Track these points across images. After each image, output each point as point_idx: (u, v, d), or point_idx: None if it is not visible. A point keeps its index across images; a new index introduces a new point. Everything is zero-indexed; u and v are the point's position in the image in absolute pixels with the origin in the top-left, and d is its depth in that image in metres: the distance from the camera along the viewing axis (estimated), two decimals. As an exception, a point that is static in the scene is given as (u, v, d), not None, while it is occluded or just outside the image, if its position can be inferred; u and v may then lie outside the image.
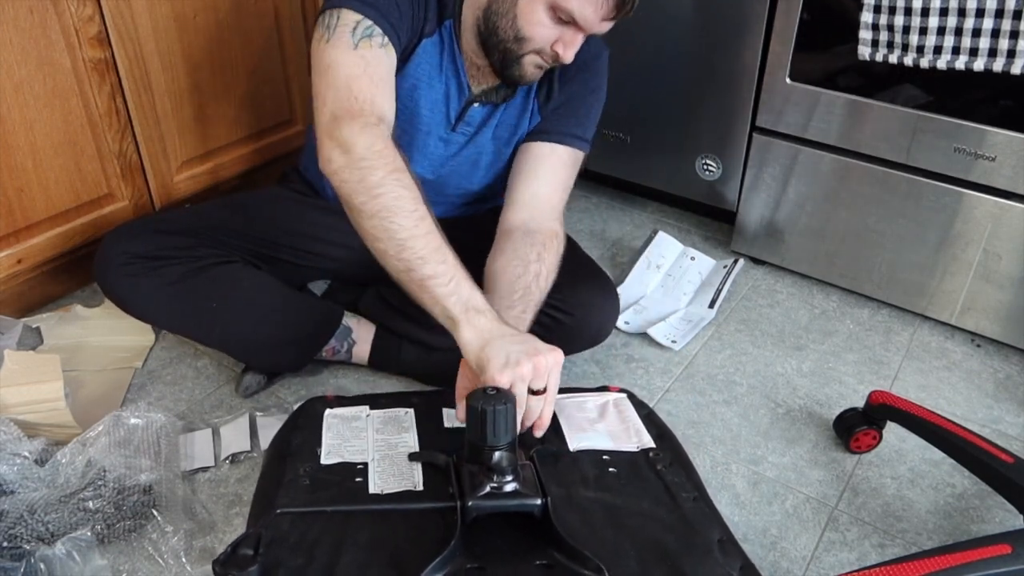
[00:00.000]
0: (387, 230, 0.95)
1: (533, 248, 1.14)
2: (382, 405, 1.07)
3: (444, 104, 1.22)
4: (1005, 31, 1.23)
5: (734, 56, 1.57)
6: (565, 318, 1.22)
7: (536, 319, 1.22)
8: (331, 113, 1.01)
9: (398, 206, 0.95)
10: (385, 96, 1.05)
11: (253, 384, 1.32)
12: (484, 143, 1.27)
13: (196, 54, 1.51)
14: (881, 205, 1.50)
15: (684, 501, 0.92)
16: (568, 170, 1.25)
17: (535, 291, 1.11)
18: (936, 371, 1.45)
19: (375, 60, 1.05)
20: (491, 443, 0.85)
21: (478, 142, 1.27)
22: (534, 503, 0.85)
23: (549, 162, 1.23)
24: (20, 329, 1.38)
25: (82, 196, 1.44)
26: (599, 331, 1.28)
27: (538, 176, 1.22)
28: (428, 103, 1.21)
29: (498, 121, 1.26)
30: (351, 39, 1.05)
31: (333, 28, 1.06)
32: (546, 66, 1.16)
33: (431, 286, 0.94)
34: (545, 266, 1.14)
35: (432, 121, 1.23)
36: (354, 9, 1.06)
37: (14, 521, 0.99)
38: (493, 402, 0.84)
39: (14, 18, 1.24)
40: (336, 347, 1.33)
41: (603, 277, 1.30)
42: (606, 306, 1.26)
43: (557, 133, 1.24)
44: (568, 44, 1.10)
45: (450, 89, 1.21)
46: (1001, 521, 1.15)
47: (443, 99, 1.22)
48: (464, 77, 1.20)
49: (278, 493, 0.90)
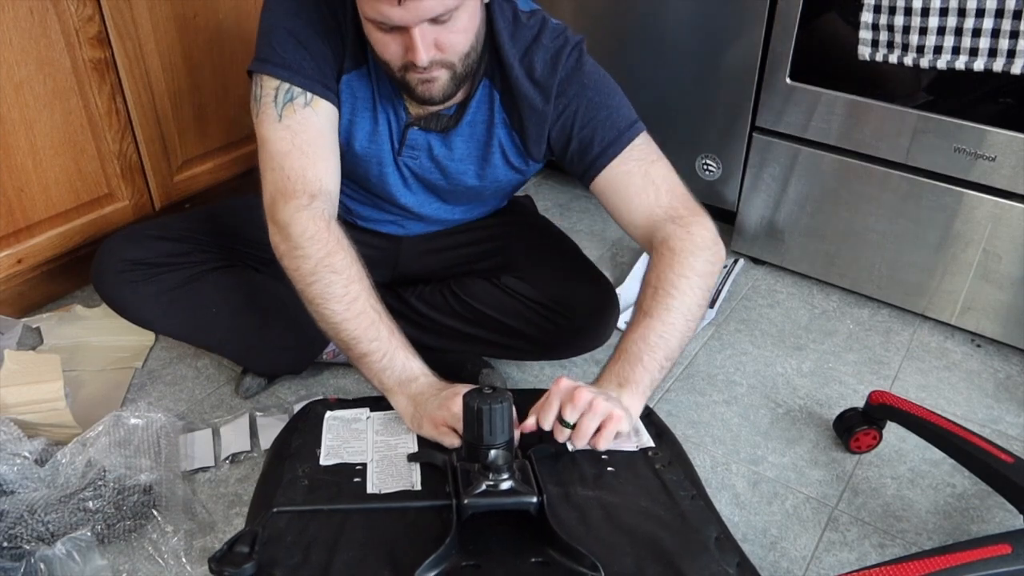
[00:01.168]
0: (322, 315, 1.01)
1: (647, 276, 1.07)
2: (383, 407, 1.07)
3: (387, 133, 1.15)
4: (1005, 31, 1.23)
5: (734, 56, 1.57)
6: (565, 322, 1.22)
7: (535, 319, 1.22)
8: (270, 196, 1.04)
9: (329, 293, 1.00)
10: (318, 163, 1.05)
11: (253, 386, 1.32)
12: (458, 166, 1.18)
13: (196, 54, 1.51)
14: (881, 205, 1.50)
15: (682, 499, 0.92)
16: (643, 165, 1.11)
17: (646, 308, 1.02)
18: (936, 371, 1.45)
19: (301, 127, 1.05)
20: (487, 442, 0.86)
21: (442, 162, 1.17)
22: (530, 501, 0.85)
23: (622, 184, 1.11)
24: (20, 329, 1.38)
25: (82, 196, 1.44)
26: (599, 334, 1.26)
27: (623, 203, 1.12)
28: (366, 135, 1.14)
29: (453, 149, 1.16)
30: (275, 110, 1.05)
31: (259, 100, 1.07)
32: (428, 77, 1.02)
33: (366, 363, 1.02)
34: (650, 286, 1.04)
35: (381, 151, 1.16)
36: (271, 75, 1.05)
37: (14, 521, 0.99)
38: (489, 401, 0.85)
39: (14, 18, 1.24)
40: (335, 350, 1.33)
41: (603, 280, 1.29)
42: (606, 309, 1.25)
43: (607, 147, 1.10)
44: (410, 48, 0.98)
45: (389, 117, 1.14)
46: (1001, 521, 1.15)
47: (385, 129, 1.14)
48: (400, 103, 1.12)
49: (276, 493, 0.91)
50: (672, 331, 1.00)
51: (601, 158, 1.11)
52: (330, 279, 1.00)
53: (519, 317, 1.23)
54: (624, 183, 1.11)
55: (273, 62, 1.05)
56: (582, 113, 1.11)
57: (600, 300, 1.25)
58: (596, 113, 1.11)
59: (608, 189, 1.12)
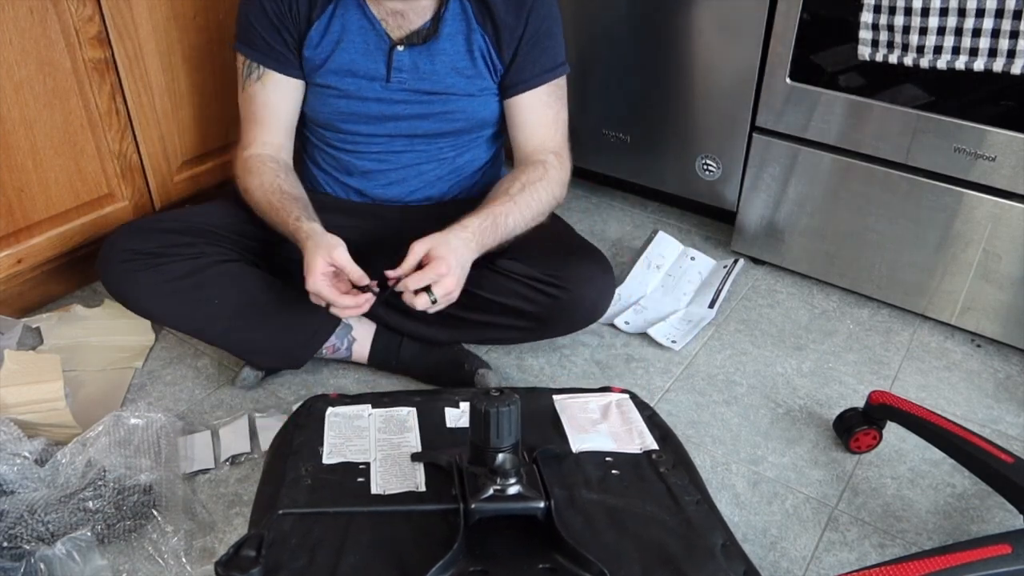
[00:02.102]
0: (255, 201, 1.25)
1: (510, 174, 1.27)
2: (384, 404, 1.07)
3: (372, 57, 1.25)
4: (1005, 31, 1.23)
5: (734, 56, 1.57)
6: (561, 293, 1.22)
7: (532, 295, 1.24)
8: (240, 147, 1.31)
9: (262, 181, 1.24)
10: (262, 126, 1.29)
11: (251, 377, 1.33)
12: (443, 79, 1.26)
13: (196, 54, 1.51)
14: (881, 205, 1.50)
15: (687, 504, 0.92)
16: (554, 107, 1.30)
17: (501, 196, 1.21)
18: (936, 371, 1.45)
19: (250, 97, 1.29)
20: (494, 445, 0.85)
21: (435, 81, 1.26)
22: (537, 506, 0.85)
23: (535, 110, 1.28)
24: (20, 329, 1.37)
25: (82, 196, 1.44)
26: (594, 307, 1.27)
27: (529, 128, 1.29)
28: (359, 52, 1.24)
29: (440, 56, 1.24)
30: (242, 81, 1.29)
31: (239, 72, 1.30)
32: None
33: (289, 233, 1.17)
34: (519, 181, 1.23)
35: (376, 70, 1.25)
36: (239, 51, 1.28)
37: (14, 521, 0.99)
38: (497, 403, 0.84)
39: (14, 18, 1.24)
40: (336, 345, 1.33)
41: (597, 254, 1.30)
42: (601, 281, 1.26)
43: (535, 77, 1.27)
44: None
45: (369, 43, 1.24)
46: (1001, 521, 1.15)
47: (369, 52, 1.24)
48: (380, 27, 1.23)
49: (280, 493, 0.90)
50: (521, 221, 1.21)
51: (532, 80, 1.27)
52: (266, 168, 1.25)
53: (515, 295, 1.24)
54: (538, 112, 1.29)
55: (239, 39, 1.27)
56: (536, 34, 1.25)
57: (594, 269, 1.26)
58: (544, 39, 1.26)
59: (523, 110, 1.29)
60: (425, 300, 1.09)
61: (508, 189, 1.22)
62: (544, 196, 1.24)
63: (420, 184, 1.35)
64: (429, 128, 1.29)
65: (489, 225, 1.17)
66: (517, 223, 1.21)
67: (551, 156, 1.28)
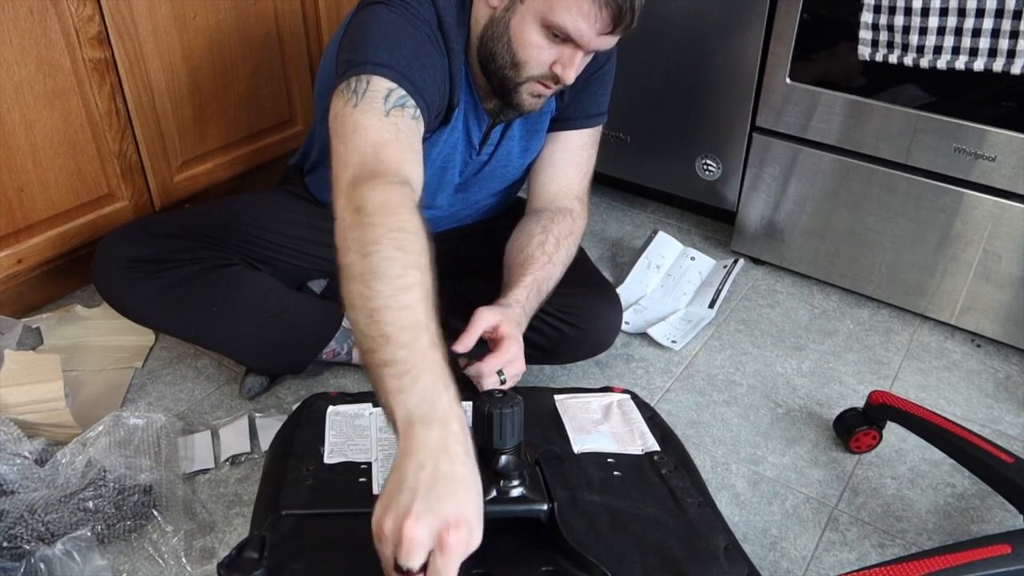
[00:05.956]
0: (363, 296, 0.78)
1: (539, 223, 1.22)
2: None
3: (465, 136, 1.20)
4: (1005, 31, 1.23)
5: (734, 56, 1.57)
6: (571, 330, 1.26)
7: (543, 328, 1.24)
8: (352, 177, 0.90)
9: (383, 269, 0.79)
10: (414, 163, 0.97)
11: (256, 386, 1.32)
12: (511, 146, 1.26)
13: (196, 54, 1.51)
14: (881, 205, 1.50)
15: (689, 507, 0.92)
16: (589, 151, 1.29)
17: (540, 257, 1.17)
18: (936, 371, 1.45)
19: (407, 129, 0.98)
20: (497, 447, 0.84)
21: (504, 147, 1.26)
22: (540, 509, 0.84)
23: (571, 149, 1.27)
24: (20, 329, 1.37)
25: (82, 196, 1.44)
26: (602, 341, 1.32)
27: (561, 166, 1.27)
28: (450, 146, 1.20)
29: (519, 125, 1.24)
30: (383, 106, 0.98)
31: (362, 93, 0.98)
32: (547, 93, 1.11)
33: (383, 375, 0.74)
34: (552, 235, 1.19)
35: (454, 153, 1.21)
36: (387, 77, 0.99)
37: (14, 521, 0.99)
38: (500, 405, 0.83)
39: (14, 18, 1.24)
40: (337, 349, 1.33)
41: (608, 288, 1.33)
42: (610, 318, 1.30)
43: (577, 119, 1.26)
44: (567, 64, 1.04)
45: (469, 122, 1.19)
46: (1001, 521, 1.16)
47: (463, 132, 1.19)
48: (480, 105, 1.18)
49: (281, 494, 0.90)
50: (557, 279, 1.20)
51: (577, 122, 1.25)
52: (391, 254, 0.80)
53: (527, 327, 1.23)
54: (574, 152, 1.27)
55: (397, 70, 1.00)
56: (595, 77, 1.23)
57: (603, 305, 1.29)
58: (597, 85, 1.24)
59: (560, 148, 1.26)
60: (495, 381, 1.05)
61: (543, 245, 1.19)
62: (574, 250, 1.24)
63: (473, 212, 1.37)
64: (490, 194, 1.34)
65: (533, 294, 1.15)
66: (554, 282, 1.20)
67: (576, 203, 1.26)
